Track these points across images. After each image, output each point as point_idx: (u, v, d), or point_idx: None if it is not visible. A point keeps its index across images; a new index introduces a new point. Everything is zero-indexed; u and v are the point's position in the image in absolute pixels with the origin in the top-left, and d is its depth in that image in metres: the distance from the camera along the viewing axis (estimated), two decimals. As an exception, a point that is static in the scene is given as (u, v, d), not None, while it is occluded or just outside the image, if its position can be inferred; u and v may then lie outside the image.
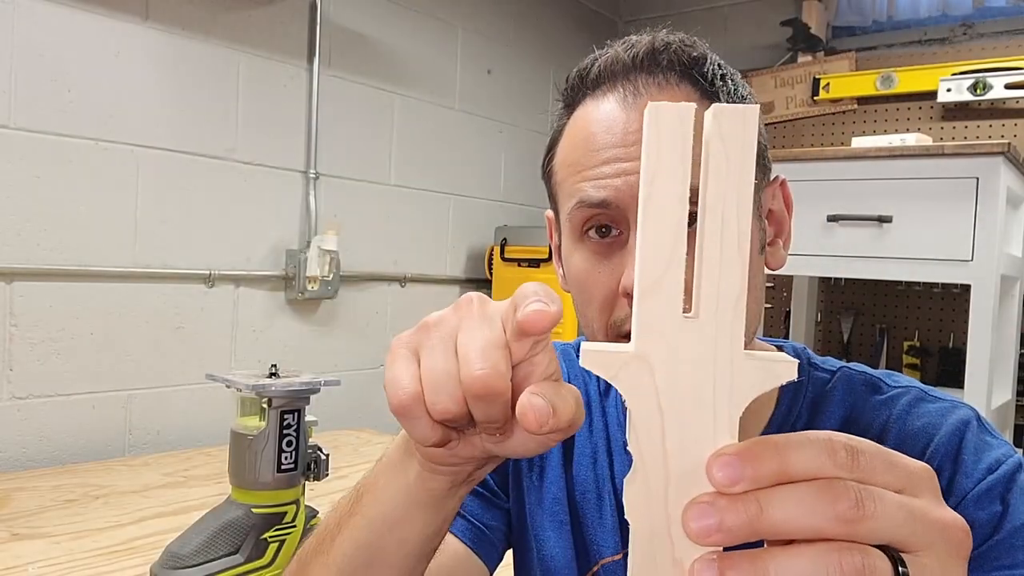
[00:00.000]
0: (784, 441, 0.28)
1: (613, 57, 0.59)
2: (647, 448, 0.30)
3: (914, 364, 2.57)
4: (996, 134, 2.51)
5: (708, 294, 0.29)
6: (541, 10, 2.99)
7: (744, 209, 0.29)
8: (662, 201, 0.29)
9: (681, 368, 0.29)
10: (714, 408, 0.29)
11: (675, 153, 0.29)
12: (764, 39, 2.94)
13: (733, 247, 0.29)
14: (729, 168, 0.29)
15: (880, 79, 2.67)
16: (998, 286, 1.93)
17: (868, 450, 0.29)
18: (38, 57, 1.69)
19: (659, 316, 0.29)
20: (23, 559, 1.14)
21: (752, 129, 0.29)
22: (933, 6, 2.71)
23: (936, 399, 0.60)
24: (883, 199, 1.99)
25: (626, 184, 0.55)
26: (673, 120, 0.29)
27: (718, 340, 0.29)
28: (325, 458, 1.05)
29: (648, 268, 0.29)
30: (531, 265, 2.56)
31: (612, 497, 0.67)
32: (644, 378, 0.30)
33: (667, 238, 0.29)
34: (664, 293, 0.29)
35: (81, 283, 1.77)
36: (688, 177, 0.29)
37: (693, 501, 0.28)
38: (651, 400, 0.30)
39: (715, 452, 0.28)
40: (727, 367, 0.29)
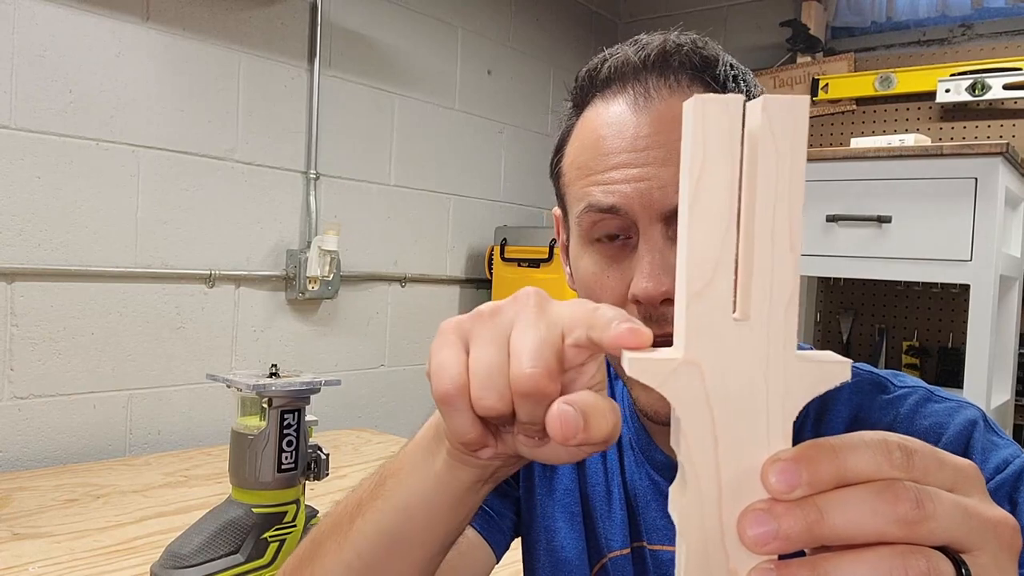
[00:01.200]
0: (840, 443, 0.28)
1: (623, 58, 0.58)
2: (698, 457, 0.29)
3: (913, 364, 2.57)
4: (995, 134, 2.52)
5: (759, 296, 0.28)
6: (541, 11, 2.99)
7: (796, 207, 0.28)
8: (710, 201, 0.28)
9: (732, 373, 0.29)
10: (767, 413, 0.29)
11: (722, 149, 0.28)
12: (763, 40, 2.94)
13: (785, 246, 0.28)
14: (780, 163, 0.28)
15: (879, 80, 2.68)
16: (997, 286, 1.93)
17: (921, 449, 0.29)
18: (39, 58, 1.69)
19: (708, 320, 0.28)
20: (24, 559, 1.14)
21: (803, 122, 0.28)
22: (932, 7, 2.71)
23: (943, 399, 0.60)
24: (882, 199, 1.99)
25: (635, 190, 0.55)
26: (720, 114, 0.28)
27: (770, 343, 0.28)
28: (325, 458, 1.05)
29: (696, 271, 0.28)
30: (531, 265, 2.56)
31: (621, 491, 0.67)
32: (694, 384, 0.29)
33: (715, 239, 0.28)
34: (713, 296, 0.28)
35: (82, 283, 1.78)
36: (737, 175, 0.28)
37: (748, 508, 0.27)
38: (701, 407, 0.29)
39: (770, 458, 0.28)
40: (780, 370, 0.29)
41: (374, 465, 0.65)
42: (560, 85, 3.05)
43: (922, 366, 2.57)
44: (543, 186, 2.99)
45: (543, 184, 3.06)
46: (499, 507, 0.72)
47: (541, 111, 3.01)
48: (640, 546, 0.66)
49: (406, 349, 2.54)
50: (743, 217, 0.28)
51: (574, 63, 3.11)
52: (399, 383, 2.52)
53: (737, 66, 0.60)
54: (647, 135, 0.55)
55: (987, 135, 2.53)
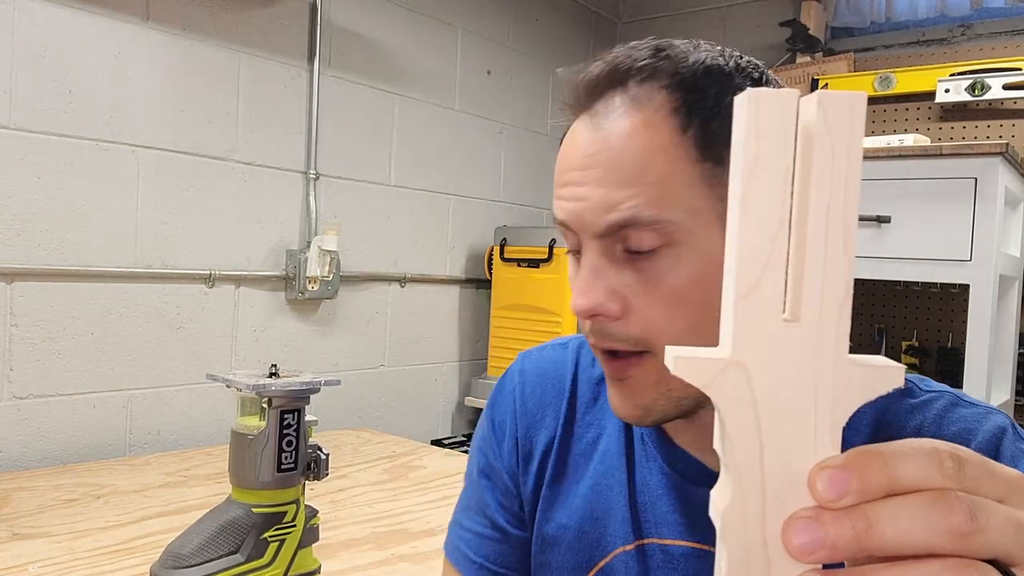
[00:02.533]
0: (890, 451, 0.27)
1: (588, 75, 0.60)
2: (743, 461, 0.28)
3: (913, 364, 2.57)
4: (994, 134, 2.52)
5: (811, 297, 0.28)
6: (541, 11, 2.99)
7: (851, 207, 0.27)
8: (761, 198, 0.27)
9: (781, 376, 0.28)
10: (815, 418, 0.28)
11: (775, 146, 0.27)
12: (763, 40, 2.94)
13: (839, 247, 0.27)
14: (835, 162, 0.27)
15: (878, 80, 2.68)
16: (996, 286, 1.93)
17: (972, 459, 0.28)
18: (39, 58, 1.69)
19: (758, 320, 0.28)
20: (23, 559, 1.14)
21: (860, 119, 0.27)
22: (931, 7, 2.71)
23: (970, 404, 0.60)
24: (882, 199, 1.99)
25: (575, 208, 0.57)
26: (775, 110, 0.27)
27: (822, 346, 0.28)
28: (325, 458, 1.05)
29: (745, 270, 0.27)
30: (531, 265, 2.57)
31: (625, 488, 0.67)
32: (741, 386, 0.28)
33: (766, 238, 0.27)
34: (763, 296, 0.28)
35: (82, 283, 1.78)
36: (790, 172, 0.27)
37: (794, 516, 0.27)
38: (748, 410, 0.28)
39: (818, 464, 0.27)
40: (831, 375, 0.28)
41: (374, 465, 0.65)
42: (560, 85, 3.05)
43: (921, 366, 2.57)
44: (543, 186, 3.00)
45: (543, 184, 3.06)
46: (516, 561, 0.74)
47: (541, 111, 3.01)
48: (646, 543, 0.66)
49: (406, 349, 2.55)
50: (795, 216, 0.28)
51: (574, 63, 3.10)
52: (399, 383, 2.52)
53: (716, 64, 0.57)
54: (592, 154, 0.56)
55: (986, 135, 2.53)
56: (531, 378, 0.76)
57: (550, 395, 0.74)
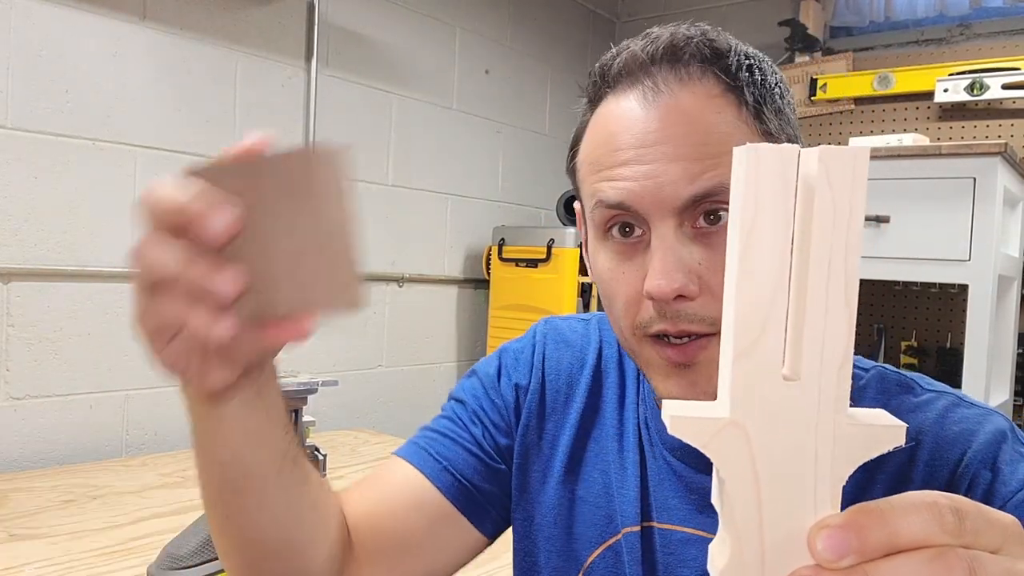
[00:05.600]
0: (889, 508, 0.27)
1: (632, 53, 0.58)
2: (741, 518, 0.28)
3: (912, 364, 2.57)
4: (993, 134, 2.52)
5: (811, 354, 0.27)
6: (539, 10, 2.99)
7: (852, 261, 0.27)
8: (762, 254, 0.27)
9: (780, 435, 0.28)
10: (815, 476, 0.28)
11: (776, 200, 0.27)
12: (762, 39, 2.94)
13: (840, 303, 0.27)
14: (836, 216, 0.26)
15: (877, 79, 2.68)
16: (995, 286, 1.93)
17: (971, 511, 0.28)
18: (36, 57, 1.69)
19: (756, 379, 0.27)
20: (20, 559, 1.14)
21: (862, 174, 0.26)
22: (930, 7, 2.71)
23: (971, 405, 0.60)
24: (880, 199, 1.99)
25: (644, 188, 0.54)
26: (774, 164, 0.27)
27: (821, 405, 0.27)
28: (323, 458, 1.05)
29: (744, 328, 0.27)
30: (529, 265, 2.56)
31: (637, 468, 0.67)
32: (740, 446, 0.28)
33: (765, 295, 0.27)
34: (762, 354, 0.27)
35: (78, 283, 1.77)
36: (790, 226, 0.27)
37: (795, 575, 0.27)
38: (747, 469, 0.28)
39: (817, 523, 0.27)
40: (830, 433, 0.28)
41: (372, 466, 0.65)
42: (558, 85, 3.05)
43: (921, 366, 2.57)
44: (541, 186, 2.99)
45: (541, 184, 3.06)
46: (479, 482, 0.71)
47: (539, 111, 3.01)
48: (650, 525, 0.66)
49: (404, 349, 2.54)
50: (795, 272, 0.27)
51: (572, 63, 3.11)
52: (397, 383, 2.51)
53: (753, 55, 0.59)
54: (656, 130, 0.55)
55: (985, 135, 2.53)
56: (553, 343, 0.76)
57: (574, 366, 0.74)
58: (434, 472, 0.70)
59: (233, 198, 0.41)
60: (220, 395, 0.48)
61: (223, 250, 0.41)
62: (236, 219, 0.41)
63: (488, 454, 0.72)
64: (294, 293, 0.41)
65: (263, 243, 0.41)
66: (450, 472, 0.70)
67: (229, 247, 0.41)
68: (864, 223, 0.27)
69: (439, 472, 0.70)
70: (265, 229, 0.41)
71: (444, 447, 0.71)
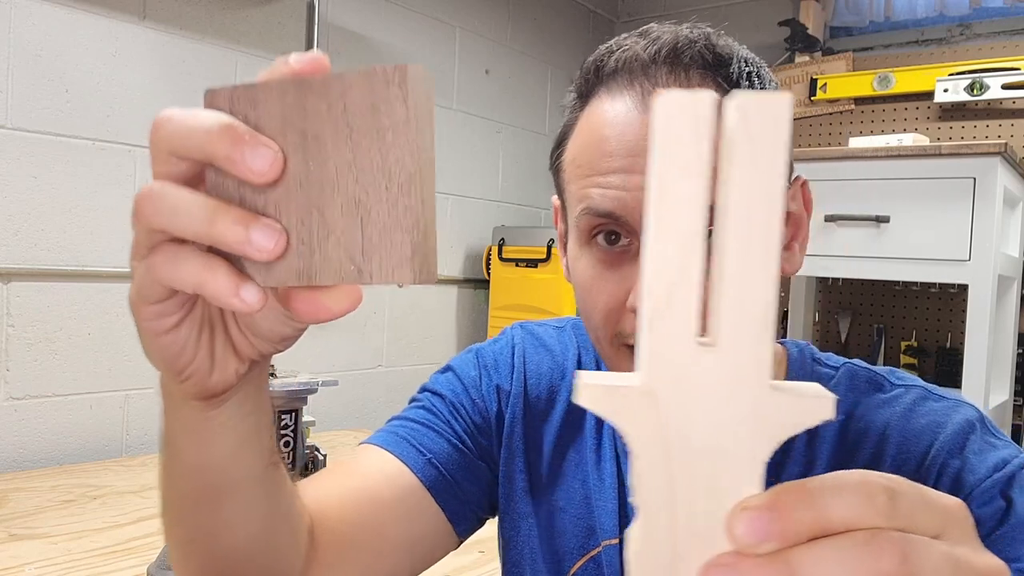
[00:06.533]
0: (818, 487, 0.25)
1: (632, 51, 0.56)
2: (654, 501, 0.25)
3: (911, 364, 2.57)
4: (993, 134, 2.52)
5: (729, 316, 0.25)
6: (539, 10, 2.99)
7: (774, 219, 0.25)
8: (674, 207, 0.25)
9: (696, 405, 0.25)
10: (735, 453, 0.25)
11: (691, 150, 0.25)
12: (761, 39, 2.94)
13: (759, 262, 0.25)
14: (756, 170, 0.25)
15: (877, 79, 2.68)
16: (995, 286, 1.93)
17: (907, 491, 0.26)
18: (35, 57, 1.69)
19: (669, 342, 0.25)
20: (20, 559, 1.14)
21: (784, 125, 0.25)
22: (930, 7, 2.71)
23: (940, 398, 0.60)
24: (880, 199, 1.99)
25: (635, 199, 0.53)
26: (688, 111, 0.25)
27: (740, 371, 0.25)
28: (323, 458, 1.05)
29: (657, 286, 0.25)
30: (529, 265, 2.56)
31: (614, 479, 0.66)
32: (651, 417, 0.25)
33: (680, 251, 0.25)
34: (675, 315, 0.25)
35: (78, 283, 1.77)
36: (707, 179, 0.25)
37: (711, 563, 0.25)
38: (659, 444, 0.25)
39: (737, 505, 0.25)
40: (751, 404, 0.25)
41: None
42: (558, 84, 3.05)
43: (920, 366, 2.57)
44: (541, 186, 2.99)
45: (541, 184, 3.06)
46: (461, 478, 0.67)
47: (539, 110, 3.01)
48: None
49: (404, 349, 2.54)
50: (715, 229, 0.25)
51: (572, 62, 3.11)
52: (397, 383, 2.51)
53: (754, 62, 0.58)
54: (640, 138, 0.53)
55: (985, 135, 2.53)
56: (532, 348, 0.73)
57: (555, 372, 0.72)
58: (418, 464, 0.65)
59: (274, 129, 0.33)
60: (221, 394, 0.41)
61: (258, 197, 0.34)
62: (278, 156, 0.33)
63: (471, 450, 0.69)
64: (347, 255, 0.32)
65: (311, 190, 0.33)
66: (434, 465, 0.66)
67: (266, 194, 0.33)
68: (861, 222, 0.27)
69: (424, 465, 0.65)
70: (314, 173, 0.33)
71: (428, 439, 0.67)
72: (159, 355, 0.39)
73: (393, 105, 0.31)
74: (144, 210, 0.34)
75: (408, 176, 0.31)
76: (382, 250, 0.32)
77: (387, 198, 0.32)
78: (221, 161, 0.33)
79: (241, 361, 0.40)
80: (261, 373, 0.44)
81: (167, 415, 0.44)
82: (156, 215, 0.34)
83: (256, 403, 0.45)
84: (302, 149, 0.33)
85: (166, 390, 0.43)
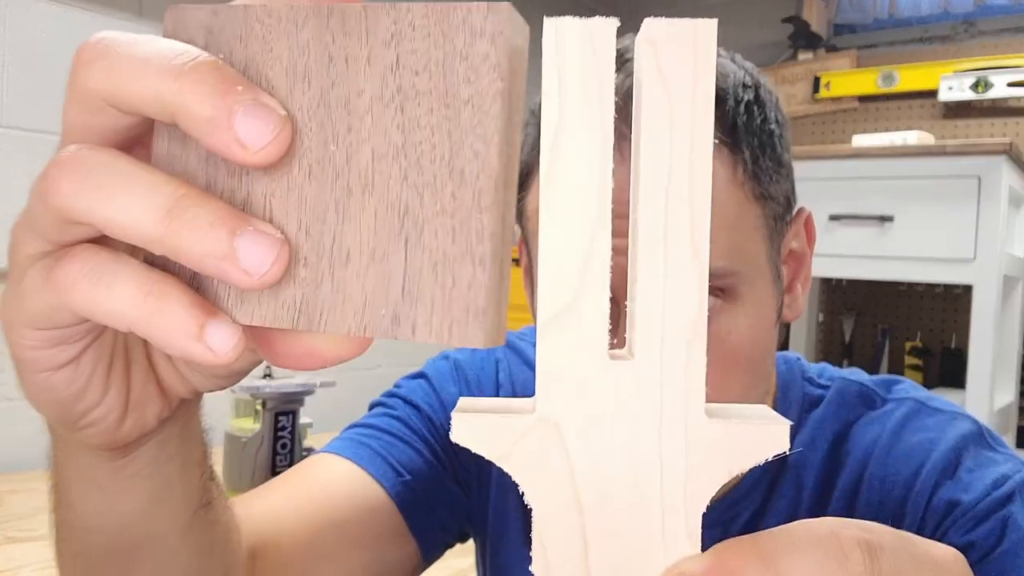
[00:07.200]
0: (772, 545, 0.19)
1: None
2: (561, 567, 0.19)
3: (916, 365, 2.56)
4: (998, 132, 2.50)
5: (647, 324, 0.19)
6: (539, 10, 2.98)
7: (701, 191, 0.19)
8: (571, 179, 0.19)
9: (610, 438, 0.19)
10: (662, 499, 0.19)
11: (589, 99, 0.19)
12: (764, 37, 2.93)
13: (684, 251, 0.19)
14: (674, 122, 0.19)
15: (881, 77, 2.66)
16: (1000, 286, 1.92)
17: (890, 545, 0.20)
18: (31, 54, 1.68)
19: (572, 358, 0.19)
20: (17, 562, 1.13)
21: (709, 60, 0.19)
22: (935, 4, 2.69)
23: (934, 411, 0.55)
24: (884, 198, 1.98)
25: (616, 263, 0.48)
26: (583, 48, 0.19)
27: (665, 395, 0.19)
28: (319, 461, 1.04)
29: (556, 284, 0.19)
30: (530, 265, 2.55)
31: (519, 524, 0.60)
32: (553, 456, 0.19)
33: (579, 238, 0.19)
34: (579, 323, 0.19)
35: (76, 283, 1.76)
36: (610, 135, 0.19)
37: None
38: (565, 491, 0.19)
39: (670, 571, 0.19)
40: (680, 435, 0.19)
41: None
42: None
43: (925, 367, 2.56)
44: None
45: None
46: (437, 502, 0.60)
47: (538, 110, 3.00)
48: None
49: (402, 350, 2.53)
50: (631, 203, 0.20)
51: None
52: (397, 383, 2.50)
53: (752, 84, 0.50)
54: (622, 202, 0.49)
55: (990, 133, 2.51)
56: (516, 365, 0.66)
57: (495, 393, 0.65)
58: (393, 484, 0.57)
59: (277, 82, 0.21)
60: (135, 442, 0.30)
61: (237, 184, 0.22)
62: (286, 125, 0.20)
63: (447, 472, 0.61)
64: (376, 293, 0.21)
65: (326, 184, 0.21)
66: (410, 487, 0.57)
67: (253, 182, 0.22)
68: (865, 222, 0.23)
69: (399, 485, 0.57)
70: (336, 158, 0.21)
71: (404, 456, 0.59)
72: (46, 398, 0.27)
73: (478, 66, 0.20)
74: (59, 186, 0.21)
75: (491, 180, 0.20)
76: (437, 291, 0.21)
77: (453, 210, 0.20)
78: (192, 122, 0.20)
79: (167, 402, 0.30)
80: (192, 408, 0.34)
81: (57, 459, 0.32)
82: (79, 195, 0.21)
83: (183, 439, 0.34)
84: (320, 119, 0.21)
85: (54, 431, 0.31)
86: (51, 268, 0.22)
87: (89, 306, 0.22)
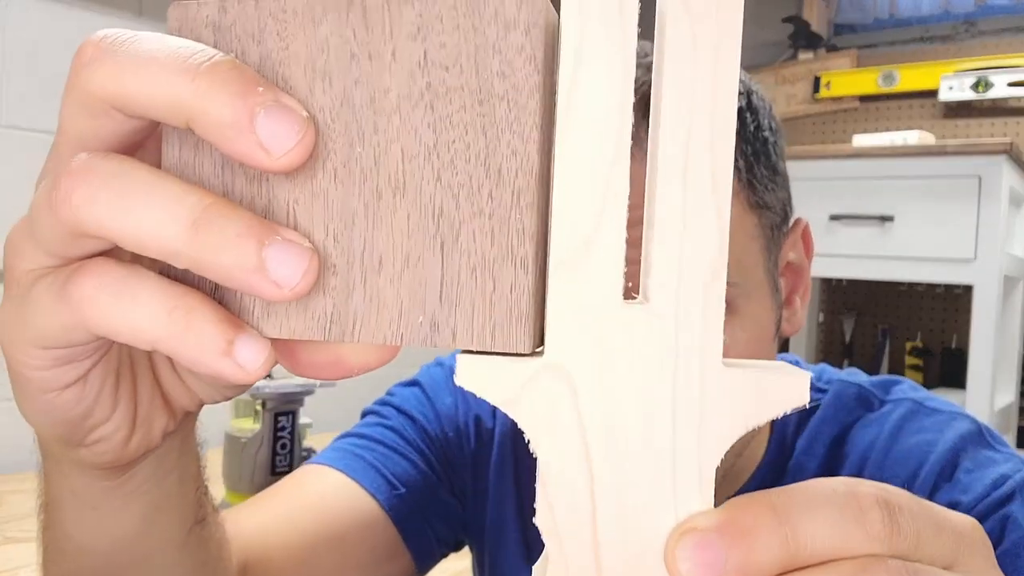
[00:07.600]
0: (788, 500, 0.18)
1: None
2: (567, 521, 0.19)
3: (916, 365, 2.56)
4: (998, 132, 2.50)
5: (665, 266, 0.18)
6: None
7: (724, 128, 0.18)
8: (589, 116, 0.18)
9: (621, 386, 0.18)
10: (674, 452, 0.18)
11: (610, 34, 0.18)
12: (765, 36, 2.92)
13: (705, 192, 0.18)
14: (698, 61, 0.18)
15: (882, 77, 2.66)
16: (1001, 286, 1.92)
17: (908, 506, 0.19)
18: (30, 54, 1.68)
19: (585, 302, 0.18)
20: (15, 563, 1.13)
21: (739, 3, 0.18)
22: (935, 4, 2.69)
23: (932, 412, 0.54)
24: (885, 198, 1.98)
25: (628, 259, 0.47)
26: None
27: (680, 341, 0.18)
28: (319, 461, 1.04)
29: (569, 226, 0.18)
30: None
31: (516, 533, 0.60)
32: (561, 403, 0.18)
33: (596, 177, 0.18)
34: (593, 265, 0.18)
35: (75, 283, 1.76)
36: (632, 77, 0.18)
37: None
38: (573, 440, 0.18)
39: (681, 526, 0.18)
40: (696, 383, 0.18)
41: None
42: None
43: (925, 367, 2.56)
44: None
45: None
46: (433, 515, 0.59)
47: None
48: None
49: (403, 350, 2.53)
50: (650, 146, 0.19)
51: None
52: (397, 383, 2.50)
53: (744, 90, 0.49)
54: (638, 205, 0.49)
55: (991, 133, 2.51)
56: None
57: None
58: (389, 499, 0.55)
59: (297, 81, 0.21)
60: (138, 459, 0.29)
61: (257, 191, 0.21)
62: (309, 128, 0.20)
63: (443, 484, 0.60)
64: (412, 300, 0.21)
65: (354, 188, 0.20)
66: (407, 502, 0.56)
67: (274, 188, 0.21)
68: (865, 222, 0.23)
69: (395, 500, 0.55)
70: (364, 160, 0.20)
71: (400, 468, 0.57)
72: (51, 418, 0.26)
73: (512, 60, 0.19)
74: (72, 197, 0.20)
75: (530, 178, 0.19)
76: (477, 296, 0.20)
77: (491, 211, 0.20)
78: (210, 126, 0.19)
79: (173, 416, 0.29)
80: (192, 420, 0.33)
81: (49, 477, 0.31)
82: (94, 208, 0.20)
83: (182, 452, 0.33)
84: (345, 119, 0.20)
85: (48, 450, 0.30)
86: (63, 284, 0.21)
87: (109, 324, 0.21)
